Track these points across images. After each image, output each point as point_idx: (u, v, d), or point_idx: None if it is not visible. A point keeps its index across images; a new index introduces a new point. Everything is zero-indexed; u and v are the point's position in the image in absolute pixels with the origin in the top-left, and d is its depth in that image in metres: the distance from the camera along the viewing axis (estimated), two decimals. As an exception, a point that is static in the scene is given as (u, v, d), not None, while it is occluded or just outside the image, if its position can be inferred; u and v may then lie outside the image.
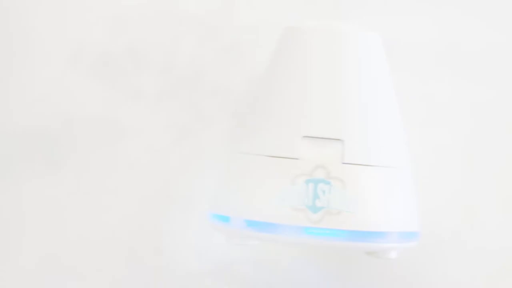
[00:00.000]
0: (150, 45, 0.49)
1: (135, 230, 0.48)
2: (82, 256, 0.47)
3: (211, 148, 0.46)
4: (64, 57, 0.49)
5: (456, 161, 0.48)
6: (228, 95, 0.49)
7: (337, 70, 0.39)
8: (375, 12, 0.49)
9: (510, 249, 0.47)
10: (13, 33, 0.48)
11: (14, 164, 0.48)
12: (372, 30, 0.41)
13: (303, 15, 0.48)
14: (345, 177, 0.37)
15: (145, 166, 0.48)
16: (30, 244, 0.47)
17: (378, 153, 0.39)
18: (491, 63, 0.49)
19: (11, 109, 0.48)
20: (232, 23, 0.50)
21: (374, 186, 0.38)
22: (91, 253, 0.48)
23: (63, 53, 0.49)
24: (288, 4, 0.50)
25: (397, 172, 0.39)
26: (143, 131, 0.49)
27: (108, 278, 0.47)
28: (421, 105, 0.48)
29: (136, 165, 0.48)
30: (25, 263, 0.47)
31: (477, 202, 0.48)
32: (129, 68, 0.49)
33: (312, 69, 0.39)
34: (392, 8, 0.49)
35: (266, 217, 0.37)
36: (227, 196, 0.39)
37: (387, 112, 0.40)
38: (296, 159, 0.37)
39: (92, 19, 0.49)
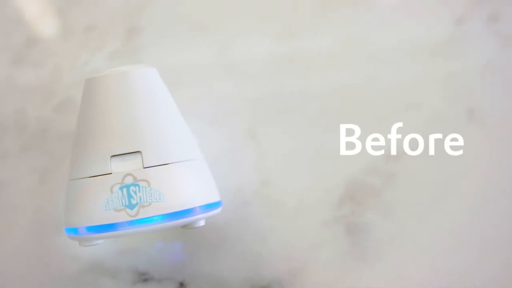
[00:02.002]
0: (5, 115, 0.54)
1: (28, 253, 0.52)
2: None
3: (65, 180, 0.46)
4: None
5: (246, 143, 0.53)
6: (70, 139, 0.51)
7: (129, 102, 0.44)
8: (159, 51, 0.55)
9: (300, 196, 0.52)
10: None
11: None
12: (151, 66, 0.46)
13: (107, 67, 0.52)
14: (148, 178, 0.43)
15: (23, 205, 0.53)
16: None
17: (170, 154, 0.44)
18: (258, 64, 0.54)
19: None
20: (61, 85, 0.55)
21: (171, 178, 0.43)
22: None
23: None
24: (96, 63, 0.55)
25: (189, 163, 0.44)
26: (15, 179, 0.53)
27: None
28: (205, 108, 0.53)
29: (16, 206, 0.53)
30: None
31: (266, 168, 0.52)
32: (-6, 135, 0.54)
33: (110, 105, 0.44)
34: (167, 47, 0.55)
35: (99, 221, 0.42)
36: (71, 213, 0.44)
37: (173, 123, 0.45)
38: (110, 173, 0.43)
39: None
